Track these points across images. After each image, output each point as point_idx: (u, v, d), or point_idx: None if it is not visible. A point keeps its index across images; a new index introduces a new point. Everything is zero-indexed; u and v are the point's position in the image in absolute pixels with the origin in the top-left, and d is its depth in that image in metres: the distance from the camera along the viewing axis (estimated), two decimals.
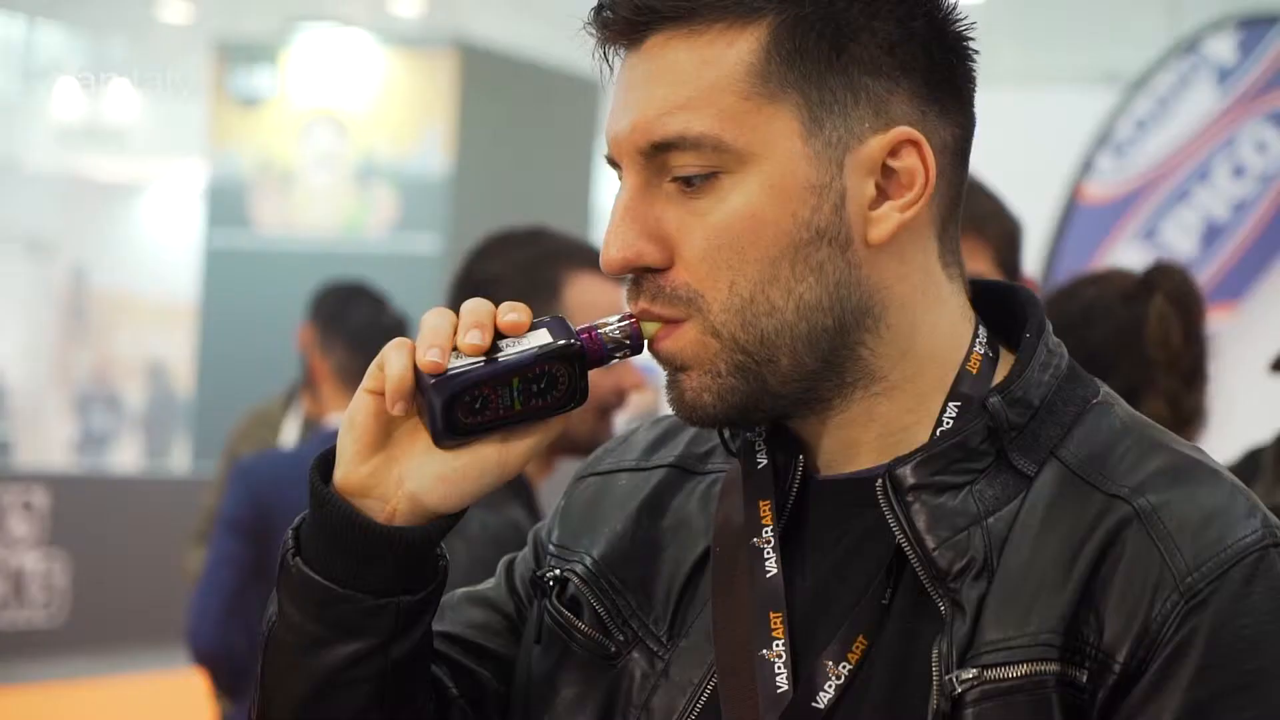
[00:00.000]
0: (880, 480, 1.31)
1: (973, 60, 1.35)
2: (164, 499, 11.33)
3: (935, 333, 1.34)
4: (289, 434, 4.71)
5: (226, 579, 3.97)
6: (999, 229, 2.76)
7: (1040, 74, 15.12)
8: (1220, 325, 6.59)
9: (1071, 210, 6.67)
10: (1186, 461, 1.30)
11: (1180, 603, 1.23)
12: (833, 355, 1.32)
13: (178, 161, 21.22)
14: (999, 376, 1.35)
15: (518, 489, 2.65)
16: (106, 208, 23.46)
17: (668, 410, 1.39)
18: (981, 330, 1.37)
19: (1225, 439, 3.04)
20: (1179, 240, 6.47)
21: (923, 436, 1.33)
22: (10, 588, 10.46)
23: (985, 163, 1.95)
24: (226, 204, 13.81)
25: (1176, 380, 2.46)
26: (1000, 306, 1.40)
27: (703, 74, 1.30)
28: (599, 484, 1.50)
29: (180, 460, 16.21)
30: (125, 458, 20.57)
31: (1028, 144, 7.63)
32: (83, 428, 20.76)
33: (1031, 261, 2.60)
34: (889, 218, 1.31)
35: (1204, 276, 6.63)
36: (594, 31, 1.35)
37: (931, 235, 1.34)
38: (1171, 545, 1.25)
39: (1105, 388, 1.37)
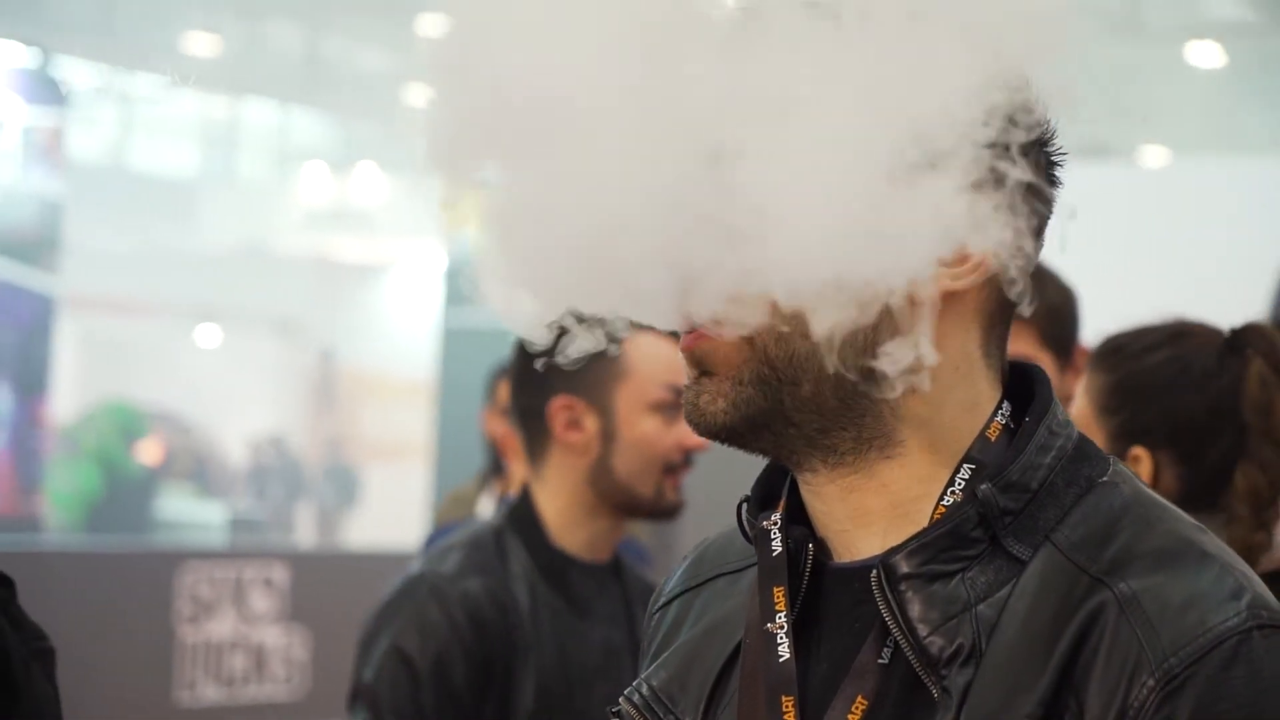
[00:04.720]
0: (875, 570, 1.33)
1: (1056, 197, 1.37)
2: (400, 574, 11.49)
3: (959, 410, 1.36)
4: (484, 511, 4.80)
5: None
6: (1039, 305, 2.63)
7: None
8: None
9: None
10: (1179, 543, 1.30)
11: (1158, 687, 1.23)
12: (854, 400, 1.33)
13: (419, 241, 21.63)
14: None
15: (493, 554, 2.88)
16: (352, 288, 23.96)
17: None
18: (1005, 404, 1.38)
19: None
20: None
21: (930, 509, 1.35)
22: (252, 662, 10.68)
23: (1223, 226, 1.89)
24: (462, 283, 14.05)
25: (1273, 450, 2.33)
26: (1022, 383, 1.40)
27: None
28: (663, 613, 1.54)
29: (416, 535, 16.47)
30: (368, 534, 20.92)
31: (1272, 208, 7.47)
32: (330, 505, 21.16)
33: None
34: (938, 279, 1.32)
35: None
36: None
37: (977, 325, 1.37)
38: (1150, 630, 1.25)
39: (1117, 465, 1.37)
